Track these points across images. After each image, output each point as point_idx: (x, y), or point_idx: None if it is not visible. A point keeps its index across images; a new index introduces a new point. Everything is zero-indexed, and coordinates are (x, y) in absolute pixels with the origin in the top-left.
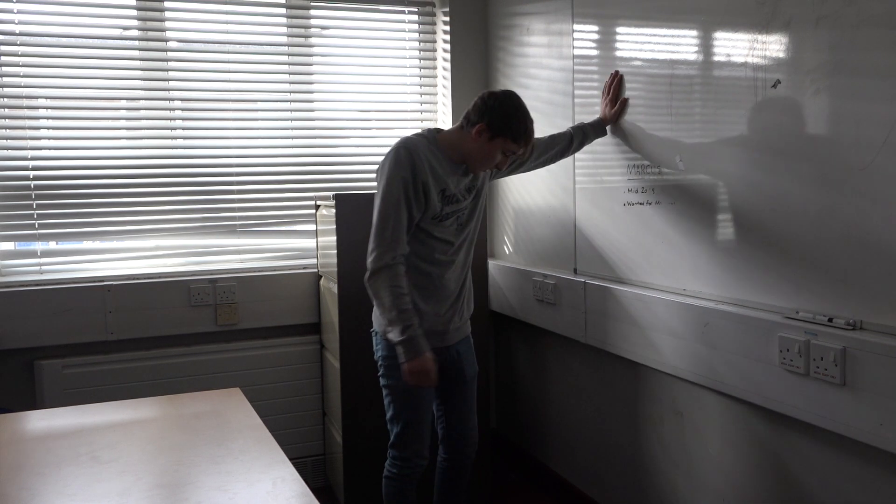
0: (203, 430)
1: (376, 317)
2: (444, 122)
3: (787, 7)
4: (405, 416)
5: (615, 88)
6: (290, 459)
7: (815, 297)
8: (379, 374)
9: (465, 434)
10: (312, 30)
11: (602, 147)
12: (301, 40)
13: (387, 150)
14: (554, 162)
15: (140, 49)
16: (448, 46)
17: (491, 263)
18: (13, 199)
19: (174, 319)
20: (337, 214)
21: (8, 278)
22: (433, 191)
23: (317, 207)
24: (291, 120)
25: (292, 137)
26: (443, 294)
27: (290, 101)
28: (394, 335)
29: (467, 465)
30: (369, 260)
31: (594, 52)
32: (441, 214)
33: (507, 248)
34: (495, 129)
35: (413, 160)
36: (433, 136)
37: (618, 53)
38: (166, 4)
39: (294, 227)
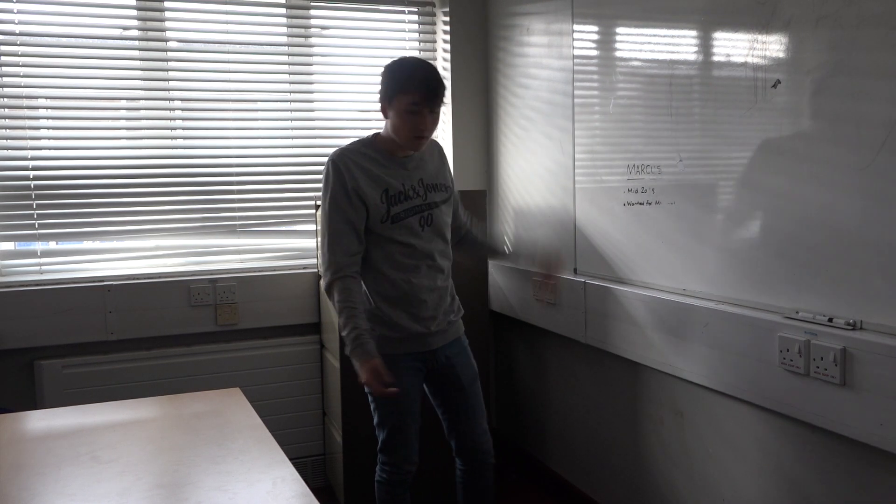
0: (203, 430)
1: None
2: (444, 121)
3: (787, 7)
4: (390, 421)
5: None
6: (290, 459)
7: (815, 297)
8: None
9: (477, 441)
10: (312, 30)
11: (602, 147)
12: (301, 40)
13: None
14: (464, 247)
15: (140, 49)
16: (448, 46)
17: (491, 263)
18: (13, 199)
19: (174, 319)
20: None
21: (8, 278)
22: (371, 194)
23: (317, 207)
24: (291, 120)
25: (292, 137)
26: (414, 300)
27: (290, 101)
28: (347, 349)
29: (486, 472)
30: (322, 277)
31: (594, 52)
32: (390, 216)
33: (507, 248)
34: (387, 94)
35: (339, 170)
36: (370, 139)
37: (618, 53)
38: (166, 4)
39: (294, 227)
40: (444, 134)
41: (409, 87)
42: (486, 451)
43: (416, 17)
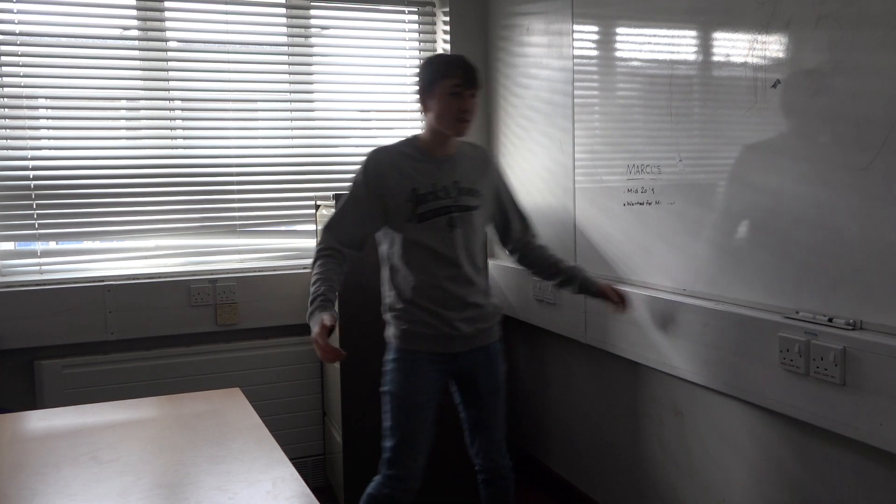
0: (203, 430)
1: (388, 323)
2: None
3: (787, 7)
4: (402, 427)
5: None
6: (290, 459)
7: (815, 297)
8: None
9: (488, 451)
10: (312, 30)
11: (602, 147)
12: (301, 40)
13: None
14: (541, 273)
15: (140, 49)
16: (448, 46)
17: (491, 263)
18: (13, 199)
19: (174, 319)
20: None
21: (8, 278)
22: (396, 194)
23: (317, 207)
24: (291, 120)
25: (292, 137)
26: (436, 301)
27: (290, 101)
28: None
29: (499, 484)
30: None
31: (594, 52)
32: (417, 214)
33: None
34: (427, 85)
35: (369, 166)
36: (411, 138)
37: (617, 53)
38: (166, 4)
39: (294, 227)
40: None
41: (450, 71)
42: (499, 467)
43: (416, 17)
